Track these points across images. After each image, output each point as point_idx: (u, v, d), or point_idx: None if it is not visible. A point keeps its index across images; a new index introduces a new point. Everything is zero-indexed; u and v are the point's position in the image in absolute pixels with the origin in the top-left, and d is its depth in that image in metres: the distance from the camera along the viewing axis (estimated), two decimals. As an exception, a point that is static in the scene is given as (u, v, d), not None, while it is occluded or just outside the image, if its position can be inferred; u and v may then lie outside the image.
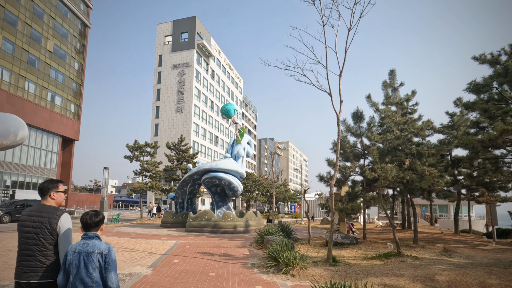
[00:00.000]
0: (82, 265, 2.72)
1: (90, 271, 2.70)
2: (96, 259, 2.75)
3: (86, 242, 2.81)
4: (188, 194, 22.06)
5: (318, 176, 13.53)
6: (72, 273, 2.71)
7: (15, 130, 3.00)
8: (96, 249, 2.78)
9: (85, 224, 2.91)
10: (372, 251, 10.41)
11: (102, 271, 2.76)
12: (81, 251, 2.76)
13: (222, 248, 12.07)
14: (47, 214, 2.88)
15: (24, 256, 2.86)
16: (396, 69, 13.43)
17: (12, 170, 38.03)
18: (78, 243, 2.82)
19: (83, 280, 2.69)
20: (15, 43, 38.09)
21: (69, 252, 2.78)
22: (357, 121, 13.30)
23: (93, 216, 2.93)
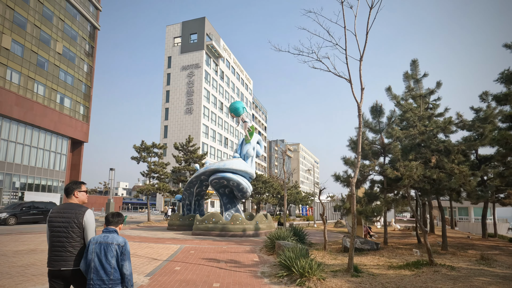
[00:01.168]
0: (103, 253, 3.23)
1: (109, 259, 3.22)
2: (114, 249, 3.27)
3: (106, 235, 3.35)
4: (195, 196, 21.18)
5: (334, 176, 12.46)
6: (93, 260, 3.21)
7: None
8: (114, 240, 3.32)
9: (107, 220, 3.51)
10: (396, 259, 9.29)
11: (119, 259, 3.28)
12: (102, 242, 3.28)
13: (229, 253, 11.09)
14: (73, 211, 3.35)
15: (55, 247, 3.30)
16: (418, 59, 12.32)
17: (21, 172, 37.86)
18: (99, 235, 3.36)
19: (103, 266, 3.20)
20: (24, 45, 38.01)
21: (92, 242, 3.29)
22: (376, 115, 12.21)
23: (115, 215, 3.57)
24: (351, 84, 7.59)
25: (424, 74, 12.02)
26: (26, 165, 38.60)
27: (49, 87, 41.49)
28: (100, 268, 3.20)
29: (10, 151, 36.51)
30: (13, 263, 9.19)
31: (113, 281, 3.23)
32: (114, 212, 3.63)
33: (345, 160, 12.78)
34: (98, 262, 3.21)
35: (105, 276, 3.20)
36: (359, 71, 7.75)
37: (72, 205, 3.43)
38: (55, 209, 3.45)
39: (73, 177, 47.73)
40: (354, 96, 7.56)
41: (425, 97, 12.05)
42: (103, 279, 3.20)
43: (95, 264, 3.21)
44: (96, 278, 3.19)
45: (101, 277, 3.20)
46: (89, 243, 3.31)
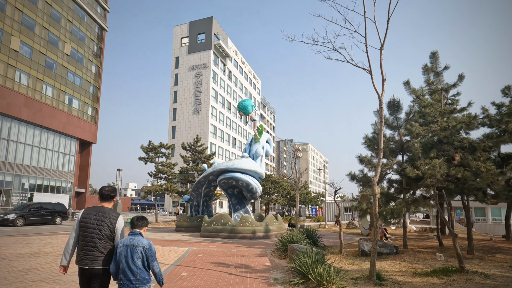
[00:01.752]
0: (129, 255, 3.43)
1: (135, 260, 3.42)
2: (140, 251, 3.45)
3: (132, 238, 3.53)
4: (203, 197, 20.68)
5: (349, 175, 11.80)
6: (121, 262, 3.42)
7: None
8: (139, 243, 3.49)
9: (132, 224, 3.68)
10: (420, 264, 8.60)
11: (144, 260, 3.48)
12: (128, 244, 3.47)
13: (239, 257, 10.51)
14: (108, 215, 3.57)
15: (88, 246, 3.47)
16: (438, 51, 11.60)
17: (30, 173, 37.90)
18: (126, 238, 3.55)
19: (130, 267, 3.42)
20: (33, 46, 38.08)
21: (119, 245, 3.49)
22: (393, 111, 11.52)
23: (139, 218, 3.74)
24: (371, 74, 6.96)
25: (445, 66, 11.29)
26: (35, 166, 38.65)
27: (58, 88, 41.52)
28: (127, 269, 3.42)
29: (19, 153, 36.56)
30: (14, 267, 8.76)
31: (139, 281, 3.46)
32: (138, 216, 3.83)
33: (360, 158, 12.10)
34: (125, 264, 3.43)
35: (132, 277, 3.42)
36: (380, 60, 7.11)
37: (106, 209, 3.66)
38: (89, 210, 3.65)
39: (82, 178, 47.76)
40: (375, 87, 6.92)
41: (446, 91, 11.33)
42: (130, 279, 3.42)
43: (123, 266, 3.44)
44: (125, 278, 3.44)
45: (128, 277, 3.42)
46: (117, 246, 3.54)
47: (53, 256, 10.49)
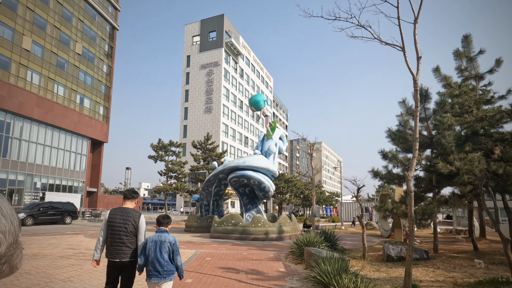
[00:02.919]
0: (158, 249, 3.97)
1: (162, 254, 3.96)
2: (167, 246, 4.00)
3: (160, 234, 4.07)
4: (213, 196, 19.83)
5: (372, 172, 10.72)
6: (150, 255, 3.97)
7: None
8: (167, 239, 4.04)
9: (159, 222, 4.23)
10: (457, 272, 7.50)
11: (170, 254, 4.02)
12: (156, 240, 4.02)
13: (250, 261, 9.58)
14: (131, 214, 4.13)
15: (116, 243, 4.03)
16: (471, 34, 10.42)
17: (42, 172, 37.87)
18: (154, 235, 4.07)
19: (158, 260, 3.94)
20: (44, 46, 38.04)
21: (148, 241, 4.04)
22: (420, 101, 10.39)
23: (165, 217, 4.26)
24: (404, 52, 5.92)
25: (480, 51, 10.09)
26: (47, 166, 38.61)
27: (69, 87, 41.45)
28: (156, 262, 3.89)
29: (31, 152, 36.55)
30: (5, 272, 8.01)
31: (166, 272, 3.93)
32: (164, 215, 4.25)
33: (383, 153, 11.00)
34: (154, 257, 3.90)
35: (160, 268, 3.89)
36: (414, 35, 6.06)
37: (129, 209, 4.13)
38: (114, 211, 4.12)
39: (94, 177, 47.70)
40: (409, 67, 5.89)
41: (480, 78, 10.14)
42: (158, 270, 3.89)
43: (152, 259, 3.91)
44: (153, 269, 3.90)
45: (157, 268, 3.89)
46: (146, 241, 4.00)
47: (52, 258, 9.78)
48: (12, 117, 34.17)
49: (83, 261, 9.16)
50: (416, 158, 5.70)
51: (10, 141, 33.91)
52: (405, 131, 10.59)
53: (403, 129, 10.71)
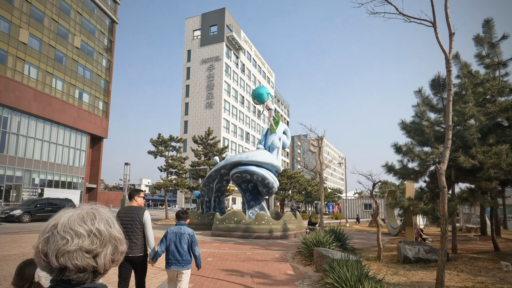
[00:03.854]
0: (178, 240, 4.43)
1: (182, 244, 4.42)
2: (186, 237, 4.47)
3: (179, 227, 4.55)
4: (215, 192, 19.15)
5: (386, 167, 10.01)
6: (171, 246, 4.42)
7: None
8: (186, 231, 4.54)
9: (178, 217, 4.70)
10: (485, 276, 6.80)
11: (189, 245, 4.48)
12: (177, 232, 4.49)
13: (255, 262, 8.90)
14: (135, 211, 4.35)
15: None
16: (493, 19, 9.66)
17: (41, 168, 37.25)
18: (175, 227, 4.57)
19: (178, 250, 4.40)
20: (42, 39, 37.27)
21: (169, 232, 4.54)
22: (438, 91, 9.63)
23: (184, 212, 4.75)
24: (435, 27, 5.18)
25: (503, 36, 9.33)
26: (46, 161, 37.99)
27: (68, 82, 40.72)
28: (175, 251, 4.41)
29: (29, 147, 35.91)
30: (-13, 274, 7.37)
31: (185, 261, 4.45)
32: (182, 210, 4.75)
33: (397, 147, 10.28)
34: (174, 247, 4.42)
35: (179, 257, 4.40)
36: (445, 10, 5.31)
37: (133, 207, 4.43)
38: (122, 209, 4.46)
39: (93, 173, 47.10)
40: (440, 44, 5.15)
41: (504, 65, 9.39)
42: (178, 259, 4.40)
43: (172, 248, 4.43)
44: (173, 258, 4.41)
45: (176, 258, 4.40)
46: (166, 233, 4.58)
47: (41, 259, 9.08)
48: (9, 111, 33.49)
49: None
50: (449, 148, 4.99)
51: (7, 136, 33.26)
52: (421, 122, 9.88)
53: (419, 121, 9.99)
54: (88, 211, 1.01)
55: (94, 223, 0.98)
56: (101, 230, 0.98)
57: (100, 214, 1.02)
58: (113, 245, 1.01)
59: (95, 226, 0.97)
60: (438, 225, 8.83)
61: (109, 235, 1.00)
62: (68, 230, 0.94)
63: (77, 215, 0.98)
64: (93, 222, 0.98)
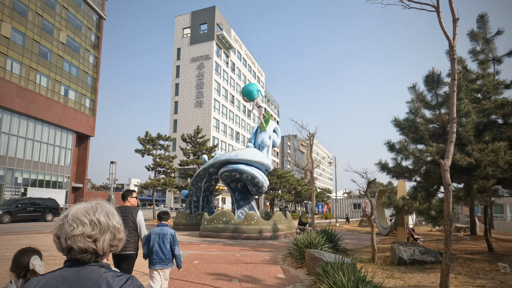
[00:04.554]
0: (161, 240, 4.63)
1: (165, 244, 4.64)
2: (169, 238, 4.69)
3: (162, 228, 4.76)
4: (203, 191, 18.66)
5: (379, 165, 9.71)
6: (154, 246, 4.61)
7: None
8: (168, 232, 4.74)
9: (160, 218, 4.95)
10: (484, 279, 6.52)
11: (171, 245, 4.70)
12: (160, 233, 4.69)
13: (244, 265, 8.48)
14: (130, 211, 4.52)
15: None
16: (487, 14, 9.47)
17: (24, 167, 36.08)
18: (157, 228, 4.76)
19: (161, 249, 4.61)
20: (26, 33, 36.10)
21: (152, 233, 4.70)
22: (432, 87, 9.39)
23: (165, 213, 4.98)
24: (438, 12, 4.87)
25: (498, 31, 9.15)
26: (29, 160, 36.82)
27: (53, 78, 39.59)
28: (159, 251, 4.60)
29: (11, 145, 34.72)
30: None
31: (168, 259, 4.67)
32: (163, 211, 5.03)
33: (390, 145, 9.99)
34: (158, 247, 4.60)
35: (163, 256, 4.62)
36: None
37: (127, 207, 4.59)
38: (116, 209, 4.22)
39: (79, 172, 45.98)
40: (444, 30, 4.84)
41: (498, 61, 9.19)
42: (161, 258, 4.61)
43: (156, 249, 4.60)
44: (157, 258, 4.61)
45: (160, 257, 4.61)
46: (150, 234, 4.69)
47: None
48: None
49: (51, 266, 7.93)
50: (453, 143, 4.68)
51: (-12, 134, 32.07)
52: (415, 119, 9.61)
53: (413, 118, 9.73)
54: (92, 205, 1.24)
55: (95, 215, 1.21)
56: (101, 220, 1.21)
57: (102, 207, 1.25)
58: (112, 233, 1.23)
59: (96, 217, 1.21)
60: (434, 225, 8.56)
61: (107, 225, 1.22)
62: (75, 219, 1.18)
63: (83, 208, 1.22)
64: (94, 213, 1.22)
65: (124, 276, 1.18)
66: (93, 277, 1.13)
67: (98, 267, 1.17)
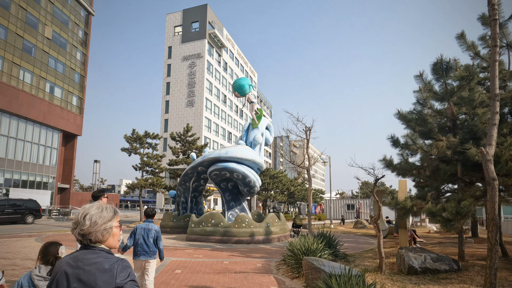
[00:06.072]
0: (146, 234, 5.11)
1: (149, 238, 5.11)
2: (153, 233, 5.16)
3: (147, 224, 5.24)
4: (192, 192, 17.58)
5: (384, 161, 8.80)
6: (140, 239, 5.08)
7: None
8: (153, 227, 5.20)
9: (147, 215, 5.37)
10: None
11: (155, 239, 5.18)
12: (145, 228, 5.16)
13: (232, 274, 7.47)
14: None
15: None
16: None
17: (6, 166, 34.49)
18: (143, 224, 5.27)
19: (146, 243, 5.06)
20: (8, 27, 34.59)
21: (138, 227, 5.20)
22: (441, 75, 8.52)
23: (152, 210, 5.39)
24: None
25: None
26: (11, 159, 35.24)
27: (37, 74, 38.07)
28: (144, 244, 5.05)
29: (-8, 144, 33.15)
30: None
31: (152, 251, 5.09)
32: (150, 208, 5.41)
33: (393, 140, 9.09)
34: (143, 240, 5.07)
35: (147, 248, 5.05)
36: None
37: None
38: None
39: (66, 172, 44.40)
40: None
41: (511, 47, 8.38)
42: (146, 250, 5.05)
43: (141, 241, 5.06)
44: (141, 250, 5.05)
45: (144, 249, 5.05)
46: (135, 229, 5.20)
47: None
48: (-31, 104, 30.75)
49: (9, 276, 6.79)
50: (496, 126, 3.77)
51: (-34, 132, 30.50)
52: (422, 111, 8.74)
53: (421, 109, 8.85)
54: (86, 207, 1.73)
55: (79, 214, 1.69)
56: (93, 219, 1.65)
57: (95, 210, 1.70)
58: (80, 227, 1.64)
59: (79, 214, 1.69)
60: (448, 229, 7.66)
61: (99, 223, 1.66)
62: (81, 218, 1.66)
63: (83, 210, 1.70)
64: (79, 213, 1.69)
65: (115, 258, 1.62)
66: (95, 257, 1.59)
67: (99, 250, 1.63)
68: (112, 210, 1.73)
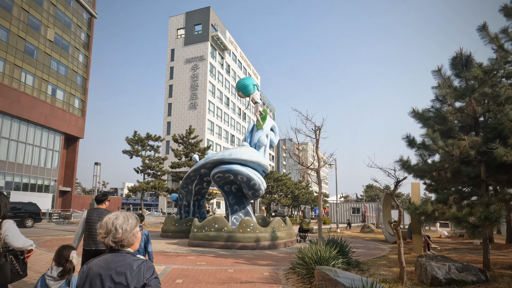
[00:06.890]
0: None
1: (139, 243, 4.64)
2: (143, 237, 5.18)
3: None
4: (194, 195, 17.03)
5: (400, 162, 8.20)
6: None
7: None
8: (142, 231, 4.82)
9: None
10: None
11: (145, 243, 5.47)
12: None
13: (238, 285, 6.89)
14: (105, 213, 4.76)
15: (93, 235, 4.88)
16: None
17: (7, 169, 34.12)
18: None
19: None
20: (10, 29, 34.36)
21: None
22: (460, 71, 7.95)
23: (139, 215, 5.40)
24: None
25: (539, 4, 7.77)
26: (12, 162, 34.88)
27: (39, 77, 37.80)
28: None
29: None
30: None
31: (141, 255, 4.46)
32: (138, 214, 5.45)
33: (409, 140, 8.50)
34: None
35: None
36: None
37: (102, 209, 5.08)
38: (91, 211, 5.06)
39: (68, 175, 44.01)
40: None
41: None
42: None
43: None
44: None
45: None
46: None
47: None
48: (-30, 107, 30.45)
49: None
50: None
51: (-33, 134, 30.18)
52: (441, 109, 8.17)
53: (440, 107, 8.27)
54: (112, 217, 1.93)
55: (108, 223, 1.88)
56: (124, 227, 1.87)
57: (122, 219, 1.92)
58: (112, 235, 1.84)
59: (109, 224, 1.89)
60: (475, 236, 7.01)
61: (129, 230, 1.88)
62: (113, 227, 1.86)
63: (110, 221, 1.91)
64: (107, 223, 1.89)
65: (140, 259, 1.82)
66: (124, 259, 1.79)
67: (126, 253, 1.84)
68: (135, 217, 1.96)
